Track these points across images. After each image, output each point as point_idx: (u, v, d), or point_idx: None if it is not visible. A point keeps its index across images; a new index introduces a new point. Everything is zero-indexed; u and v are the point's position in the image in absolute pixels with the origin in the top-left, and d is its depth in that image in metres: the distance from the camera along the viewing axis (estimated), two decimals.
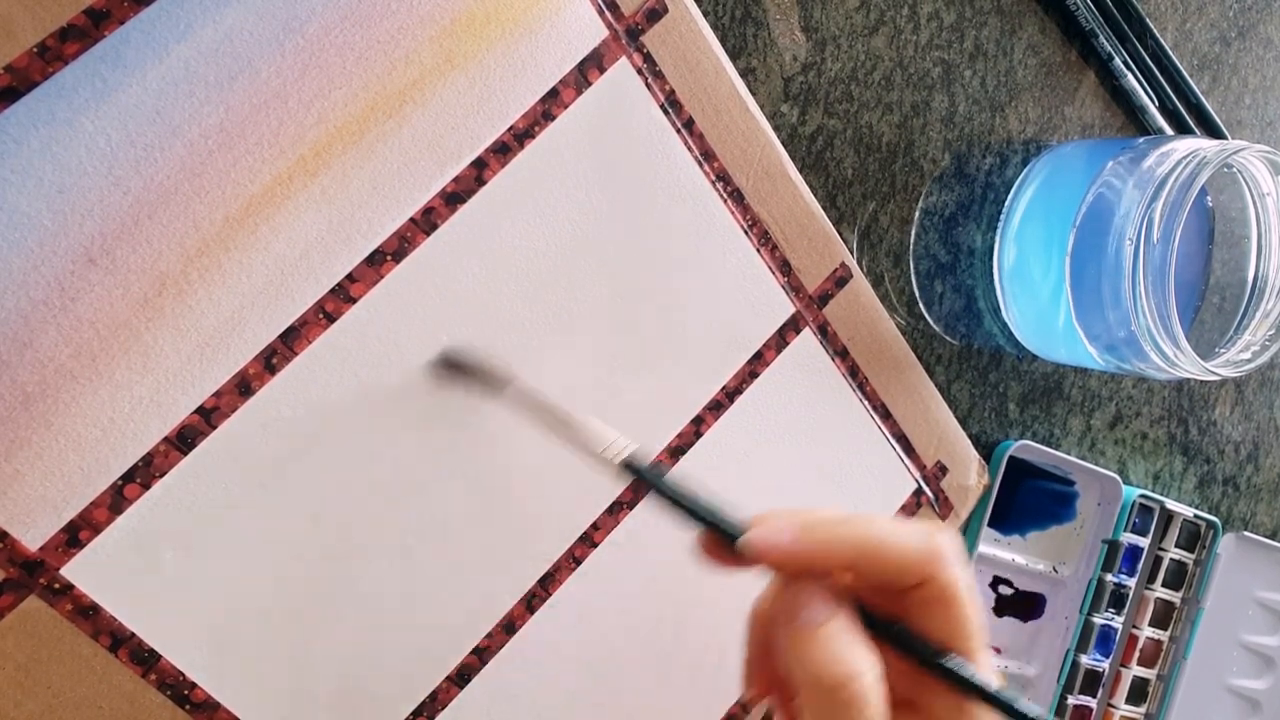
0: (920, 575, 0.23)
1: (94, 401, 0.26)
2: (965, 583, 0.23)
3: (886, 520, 0.24)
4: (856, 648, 0.22)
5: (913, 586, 0.23)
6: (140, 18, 0.25)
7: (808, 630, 0.22)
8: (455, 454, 0.30)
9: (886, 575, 0.23)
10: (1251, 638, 0.46)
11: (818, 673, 0.21)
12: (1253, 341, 0.36)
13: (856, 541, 0.23)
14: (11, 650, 0.26)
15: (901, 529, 0.23)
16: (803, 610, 0.22)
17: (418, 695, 0.31)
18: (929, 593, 0.23)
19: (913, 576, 0.23)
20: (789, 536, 0.23)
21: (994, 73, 0.38)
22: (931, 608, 0.23)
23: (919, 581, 0.23)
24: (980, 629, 0.23)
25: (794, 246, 0.34)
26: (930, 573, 0.23)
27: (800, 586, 0.23)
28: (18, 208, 0.24)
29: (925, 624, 0.23)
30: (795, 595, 0.23)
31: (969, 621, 0.23)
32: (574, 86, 0.30)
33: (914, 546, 0.23)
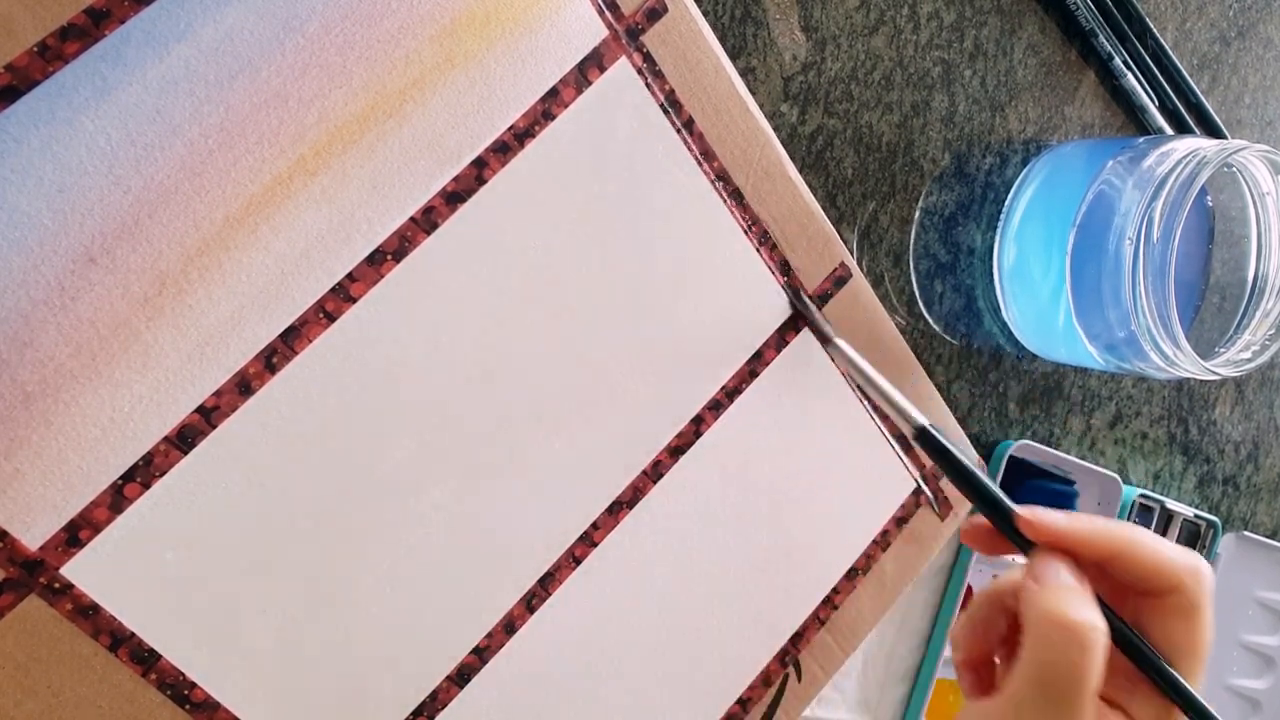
0: (1175, 583, 0.24)
1: (94, 400, 0.26)
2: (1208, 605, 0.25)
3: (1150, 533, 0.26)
4: (1096, 611, 0.23)
5: (1162, 592, 0.24)
6: (141, 17, 0.25)
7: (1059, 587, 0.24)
8: (454, 454, 0.30)
9: (1143, 573, 0.24)
10: (1251, 638, 0.46)
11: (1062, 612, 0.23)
12: (1253, 341, 0.36)
13: (1127, 535, 0.25)
14: (11, 650, 0.25)
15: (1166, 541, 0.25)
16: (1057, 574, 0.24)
17: (418, 695, 0.31)
18: (1177, 602, 0.24)
19: (1168, 582, 0.24)
20: (1062, 517, 0.25)
21: (994, 73, 0.38)
22: (1174, 617, 0.24)
23: (1171, 588, 0.24)
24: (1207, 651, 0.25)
25: (794, 246, 0.34)
26: (1185, 583, 0.24)
27: (1059, 560, 0.25)
28: (18, 207, 0.24)
29: (1161, 631, 0.24)
30: (1050, 563, 0.25)
31: (1204, 639, 0.24)
32: (574, 86, 0.30)
33: (1178, 555, 0.24)
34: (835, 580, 0.37)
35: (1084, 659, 0.22)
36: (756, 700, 0.36)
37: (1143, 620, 0.25)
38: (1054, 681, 0.23)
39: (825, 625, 0.37)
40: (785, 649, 0.36)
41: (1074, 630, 0.23)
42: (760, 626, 0.36)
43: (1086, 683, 0.22)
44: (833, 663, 0.37)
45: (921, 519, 0.38)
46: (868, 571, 0.37)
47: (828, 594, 0.37)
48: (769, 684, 0.36)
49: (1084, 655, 0.22)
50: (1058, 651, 0.23)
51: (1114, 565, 0.25)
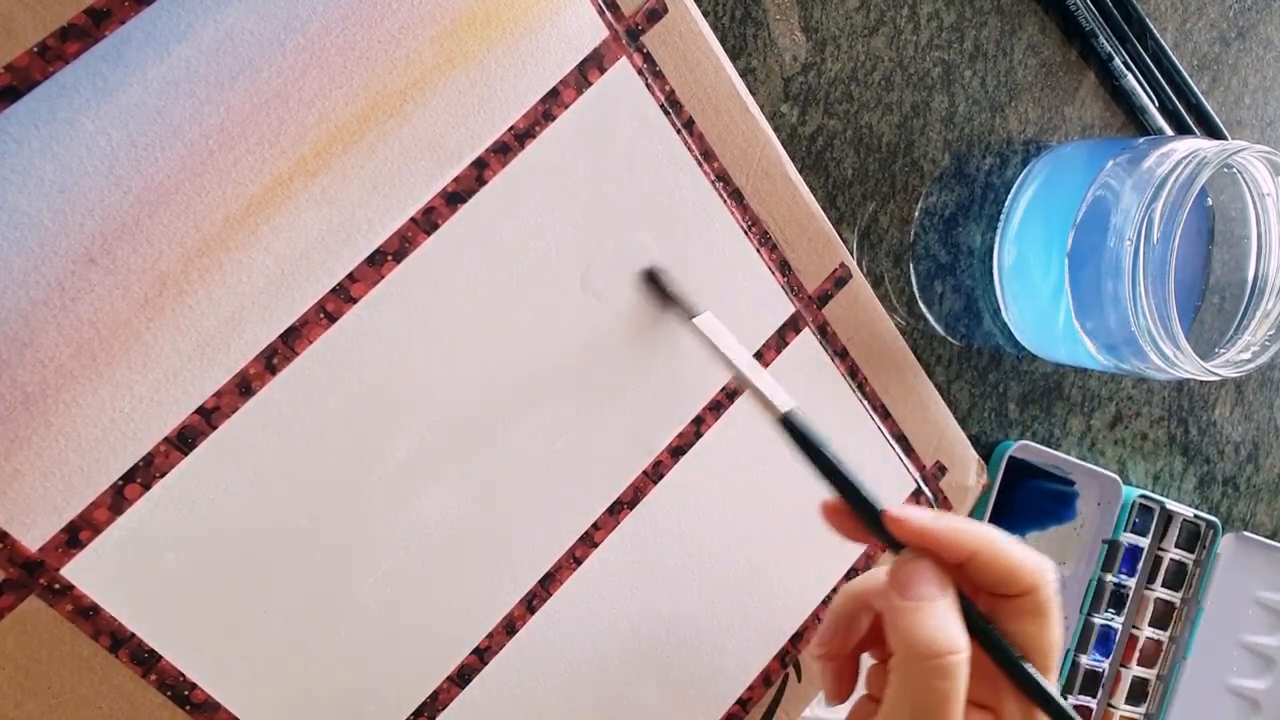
0: (1029, 584, 0.25)
1: (94, 401, 0.26)
2: (1059, 606, 0.26)
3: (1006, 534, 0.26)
4: (958, 627, 0.24)
5: (1016, 594, 0.25)
6: (141, 17, 0.25)
7: (922, 603, 0.24)
8: (455, 454, 0.30)
9: (1001, 575, 0.25)
10: (1251, 638, 0.46)
11: (925, 640, 0.24)
12: (1253, 341, 0.36)
13: (985, 537, 0.25)
14: (11, 650, 0.25)
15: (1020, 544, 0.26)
16: (921, 584, 0.25)
17: (418, 695, 0.31)
18: (1029, 603, 0.25)
19: (1022, 583, 0.25)
20: (929, 515, 0.26)
21: (994, 73, 0.38)
22: (1028, 617, 0.25)
23: (1024, 590, 0.25)
24: (1060, 650, 0.26)
25: (793, 246, 0.34)
26: (1037, 584, 0.25)
27: (924, 563, 0.25)
28: (18, 207, 0.24)
29: (1017, 630, 0.25)
30: (915, 570, 0.25)
31: (1056, 638, 0.26)
32: (574, 86, 0.30)
33: (1031, 557, 0.25)
34: (835, 580, 0.37)
35: (950, 685, 0.23)
36: (756, 700, 0.36)
37: (998, 620, 0.26)
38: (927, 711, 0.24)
39: None
40: (785, 649, 0.36)
41: (939, 659, 0.23)
42: (760, 626, 0.36)
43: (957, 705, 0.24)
44: None
45: None
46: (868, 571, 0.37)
47: (828, 594, 0.37)
48: (769, 684, 0.36)
49: (950, 681, 0.23)
50: (926, 682, 0.24)
51: (972, 566, 0.25)
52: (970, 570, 0.25)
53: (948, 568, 0.25)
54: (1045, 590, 0.25)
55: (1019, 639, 0.25)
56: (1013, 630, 0.25)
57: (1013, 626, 0.25)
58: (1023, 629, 0.25)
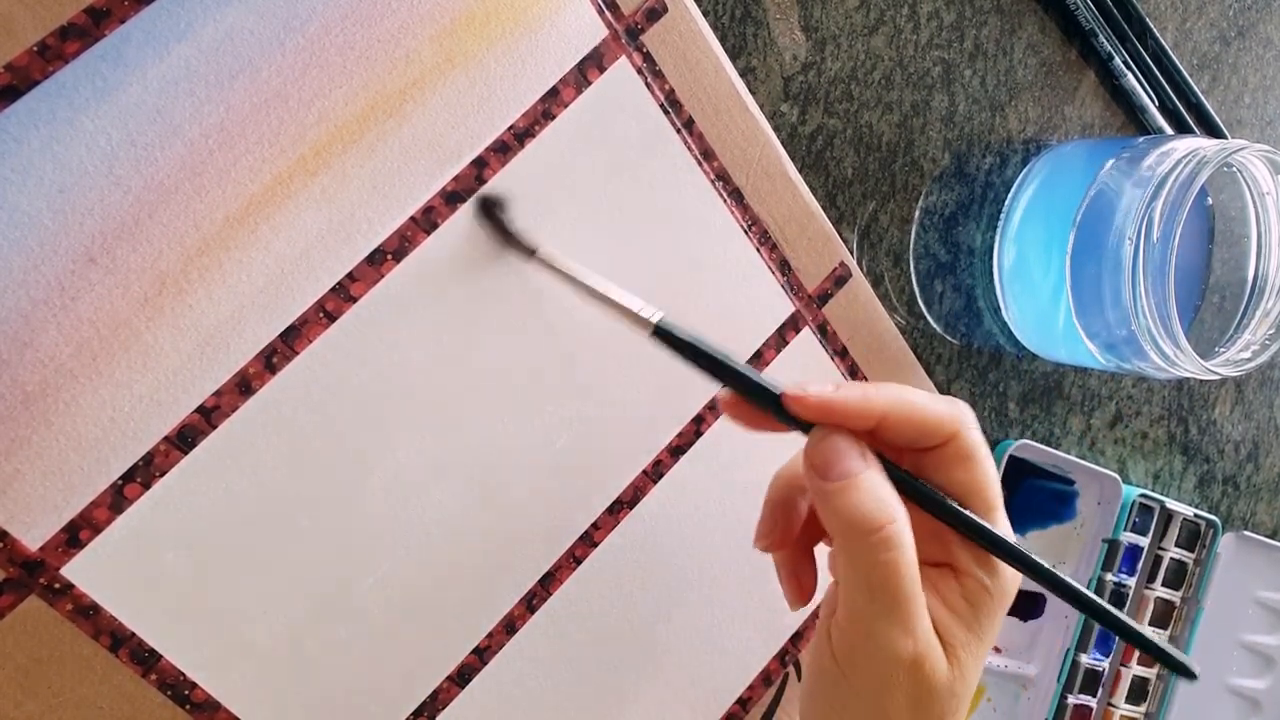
0: (947, 433, 0.24)
1: (94, 401, 0.26)
2: (984, 445, 0.25)
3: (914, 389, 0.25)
4: (890, 494, 0.23)
5: (937, 445, 0.25)
6: (141, 16, 0.25)
7: (847, 479, 0.24)
8: (455, 454, 0.30)
9: (916, 430, 0.24)
10: (1251, 637, 0.46)
11: (858, 517, 0.23)
12: (1253, 341, 0.36)
13: (893, 396, 0.24)
14: (11, 650, 0.25)
15: (929, 394, 0.25)
16: (842, 461, 0.24)
17: (418, 695, 0.30)
18: (953, 450, 0.24)
19: (940, 434, 0.24)
20: (829, 387, 0.24)
21: (994, 72, 0.38)
22: (955, 465, 0.25)
23: (944, 440, 0.24)
24: (997, 488, 0.25)
25: (793, 246, 0.34)
26: (956, 431, 0.24)
27: (837, 439, 0.24)
28: (18, 207, 0.24)
29: (947, 480, 0.25)
30: (833, 448, 0.24)
31: (988, 477, 0.25)
32: (574, 86, 0.30)
33: (944, 407, 0.25)
34: None
35: (897, 555, 0.23)
36: (756, 700, 0.36)
37: (927, 474, 0.25)
38: (880, 585, 0.23)
39: None
40: (785, 649, 0.36)
41: (879, 532, 0.23)
42: (760, 626, 0.36)
43: (908, 573, 0.23)
44: None
45: None
46: None
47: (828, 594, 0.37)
48: (769, 684, 0.36)
49: (896, 551, 0.23)
50: (872, 555, 0.23)
51: (886, 428, 0.24)
52: (885, 432, 0.25)
53: (862, 435, 0.24)
54: (966, 433, 0.25)
55: (952, 488, 0.25)
56: (944, 481, 0.25)
57: (943, 477, 0.25)
58: (953, 477, 0.25)
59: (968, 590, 0.25)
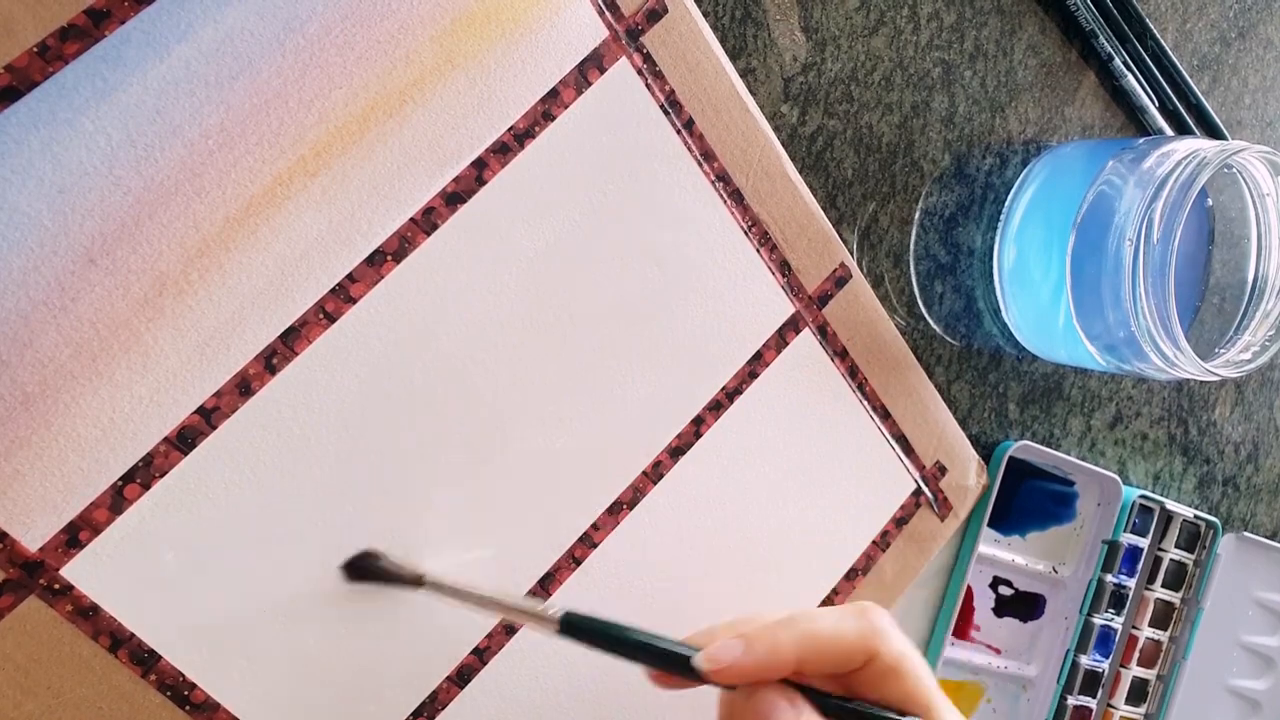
0: (865, 656, 0.24)
1: (94, 401, 0.26)
2: (907, 650, 0.25)
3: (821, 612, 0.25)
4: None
5: (860, 667, 0.24)
6: (141, 17, 0.25)
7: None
8: (454, 454, 0.30)
9: (833, 664, 0.24)
10: (1251, 638, 0.46)
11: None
12: (1253, 342, 0.36)
13: (799, 641, 0.24)
14: (11, 651, 0.25)
15: (836, 617, 0.25)
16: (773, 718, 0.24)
17: (418, 695, 0.31)
18: (877, 668, 0.24)
19: (858, 659, 0.24)
20: (739, 650, 0.24)
21: (994, 73, 0.38)
22: (883, 681, 0.25)
23: (864, 661, 0.24)
24: (934, 685, 0.25)
25: (794, 246, 0.34)
26: (873, 649, 0.24)
27: (762, 697, 0.24)
28: (18, 207, 0.24)
29: (881, 696, 0.25)
30: (759, 707, 0.24)
31: (921, 682, 0.25)
32: (574, 87, 0.30)
33: (852, 631, 0.25)
34: (835, 581, 0.37)
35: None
36: None
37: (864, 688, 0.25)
38: None
39: None
40: None
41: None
42: None
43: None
44: None
45: (921, 519, 0.38)
46: (868, 572, 0.37)
47: (828, 594, 0.37)
48: None
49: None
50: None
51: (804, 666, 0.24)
52: (805, 669, 0.24)
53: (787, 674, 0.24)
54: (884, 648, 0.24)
55: (889, 701, 0.24)
56: (878, 696, 0.25)
57: (875, 693, 0.25)
58: (885, 692, 0.24)
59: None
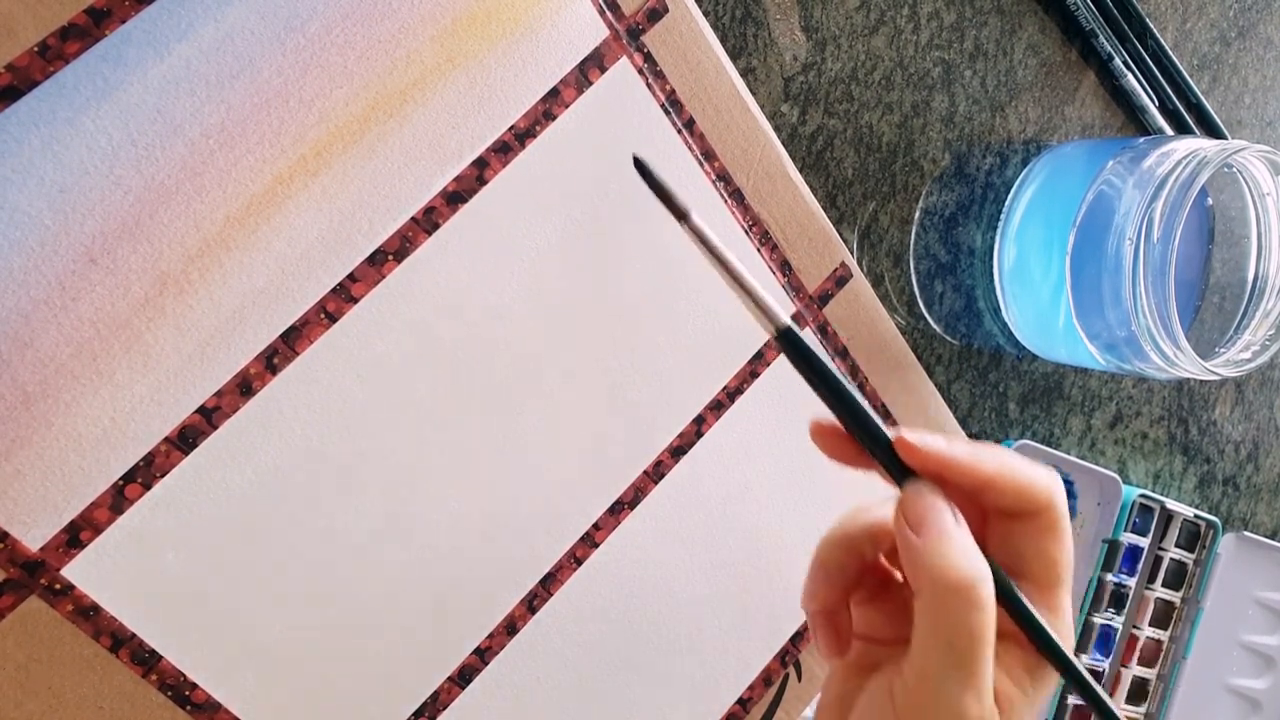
0: (1044, 503, 0.25)
1: (95, 401, 0.26)
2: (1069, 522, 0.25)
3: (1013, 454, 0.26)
4: (981, 558, 0.23)
5: (1029, 514, 0.25)
6: (141, 17, 0.25)
7: (942, 534, 0.23)
8: (456, 454, 0.30)
9: (1017, 497, 0.25)
10: (1251, 638, 0.46)
11: (951, 575, 0.23)
12: (1253, 341, 0.36)
13: (1000, 460, 0.25)
14: (12, 650, 0.25)
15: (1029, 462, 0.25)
16: (938, 518, 0.24)
17: (419, 695, 0.30)
18: (1045, 521, 0.25)
19: (1037, 503, 0.25)
20: (944, 441, 0.24)
21: (994, 73, 0.38)
22: (1043, 535, 0.25)
23: (1039, 509, 0.25)
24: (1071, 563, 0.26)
25: (794, 246, 0.34)
26: (1051, 502, 0.25)
27: (935, 496, 0.24)
28: (19, 207, 0.24)
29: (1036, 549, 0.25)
30: (929, 504, 0.24)
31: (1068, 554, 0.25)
32: (575, 86, 0.30)
33: (1043, 475, 0.25)
34: None
35: (982, 617, 0.23)
36: (756, 700, 0.36)
37: (1015, 540, 0.25)
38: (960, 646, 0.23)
39: None
40: (785, 649, 0.36)
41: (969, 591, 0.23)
42: (760, 626, 0.36)
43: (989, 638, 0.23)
44: None
45: None
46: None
47: None
48: (769, 684, 0.36)
49: (982, 614, 0.23)
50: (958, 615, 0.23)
51: (987, 491, 0.25)
52: (985, 495, 0.25)
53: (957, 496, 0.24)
54: (1059, 506, 0.25)
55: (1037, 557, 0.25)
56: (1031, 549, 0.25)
57: (1031, 546, 0.25)
58: (1037, 545, 0.25)
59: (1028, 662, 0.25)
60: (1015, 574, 0.26)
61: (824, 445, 0.26)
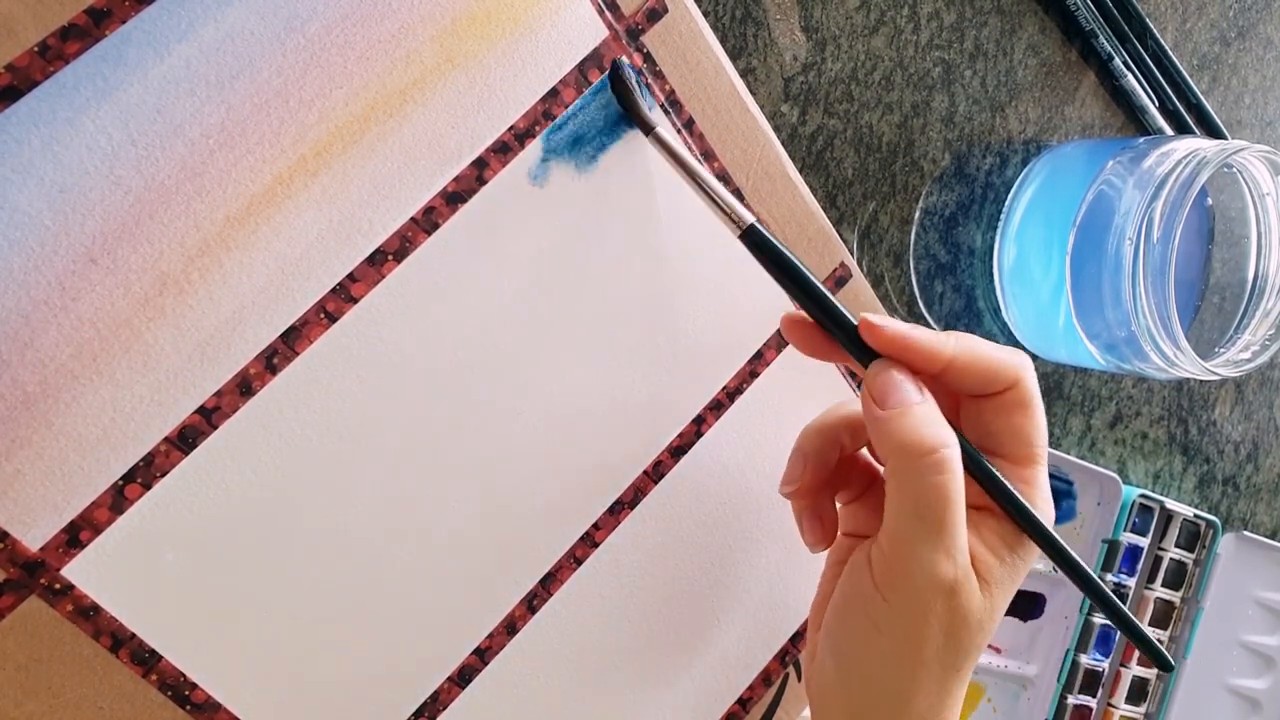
0: (1009, 380, 0.25)
1: (95, 401, 0.26)
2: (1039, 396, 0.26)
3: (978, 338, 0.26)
4: (945, 426, 0.24)
5: (998, 391, 0.25)
6: (141, 17, 0.25)
7: (906, 406, 0.24)
8: (455, 454, 0.30)
9: (981, 376, 0.25)
10: (1251, 638, 0.46)
11: (914, 440, 0.24)
12: (1253, 341, 0.36)
13: (959, 343, 0.25)
14: (12, 650, 0.25)
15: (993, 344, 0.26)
16: (900, 390, 0.25)
17: (419, 695, 0.30)
18: (1013, 397, 0.25)
19: (1003, 381, 0.25)
20: (903, 324, 0.25)
21: (994, 73, 0.38)
22: (1013, 410, 0.26)
23: (1006, 387, 0.25)
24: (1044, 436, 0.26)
25: (794, 246, 0.34)
26: (1018, 377, 0.25)
27: (897, 371, 0.25)
28: (19, 207, 0.24)
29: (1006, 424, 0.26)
30: (892, 379, 0.25)
31: (1038, 426, 0.26)
32: (574, 86, 0.30)
33: (1007, 355, 0.26)
34: None
35: (948, 479, 0.23)
36: (756, 700, 0.36)
37: (985, 418, 0.26)
38: (928, 507, 0.23)
39: None
40: (785, 649, 0.36)
41: (932, 454, 0.23)
42: (760, 626, 0.36)
43: (956, 499, 0.24)
44: None
45: None
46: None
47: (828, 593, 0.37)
48: (769, 684, 0.36)
49: (947, 475, 0.23)
50: (924, 479, 0.23)
51: (950, 372, 0.25)
52: (949, 376, 0.25)
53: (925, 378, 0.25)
54: (1028, 381, 0.25)
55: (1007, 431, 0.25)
56: (1001, 424, 0.25)
57: (1000, 421, 0.25)
58: (1010, 421, 0.25)
59: (1005, 532, 0.25)
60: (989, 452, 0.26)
61: (795, 337, 0.27)
